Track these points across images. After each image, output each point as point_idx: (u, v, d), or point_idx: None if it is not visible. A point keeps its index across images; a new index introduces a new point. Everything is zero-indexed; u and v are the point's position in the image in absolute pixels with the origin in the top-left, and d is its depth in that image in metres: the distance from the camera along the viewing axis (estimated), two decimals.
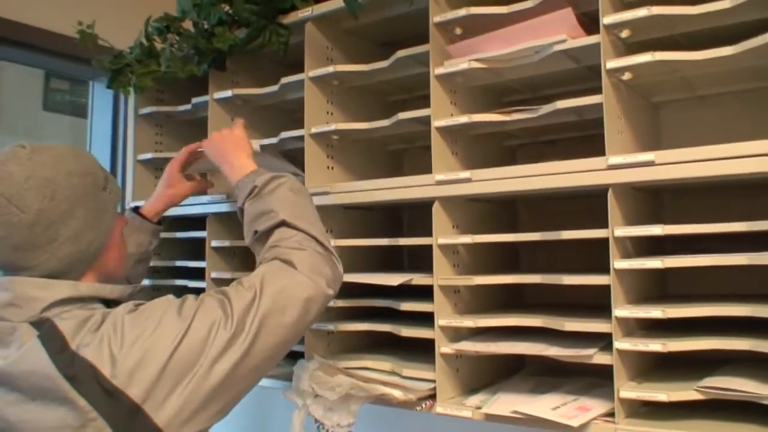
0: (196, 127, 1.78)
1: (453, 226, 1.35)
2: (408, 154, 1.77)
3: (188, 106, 1.75)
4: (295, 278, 1.09)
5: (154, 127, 1.90)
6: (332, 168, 1.55)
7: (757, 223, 1.04)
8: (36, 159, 1.03)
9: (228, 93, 1.63)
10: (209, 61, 1.58)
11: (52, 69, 2.28)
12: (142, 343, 0.96)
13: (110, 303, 1.09)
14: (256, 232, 1.20)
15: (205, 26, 1.59)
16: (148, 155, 1.82)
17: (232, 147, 1.34)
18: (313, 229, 1.18)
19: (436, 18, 1.33)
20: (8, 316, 1.00)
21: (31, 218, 1.00)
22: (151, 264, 1.80)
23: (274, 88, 1.57)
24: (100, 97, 2.22)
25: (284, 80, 1.54)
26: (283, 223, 1.17)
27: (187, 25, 1.66)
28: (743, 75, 1.25)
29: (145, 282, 1.79)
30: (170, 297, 1.06)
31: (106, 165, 2.22)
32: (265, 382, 1.56)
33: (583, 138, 1.49)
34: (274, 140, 1.58)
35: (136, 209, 1.52)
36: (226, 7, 1.57)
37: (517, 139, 1.57)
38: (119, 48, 1.72)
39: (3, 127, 3.09)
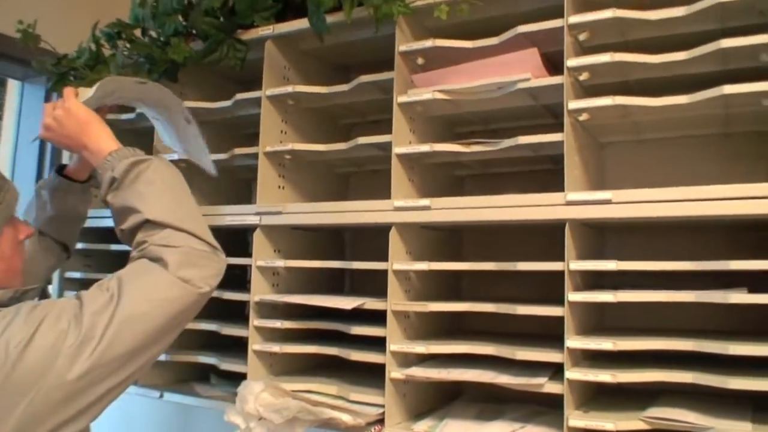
0: (139, 136, 1.73)
1: (407, 252, 1.37)
2: (355, 177, 1.78)
3: (132, 115, 1.70)
4: (160, 277, 1.00)
5: None
6: (283, 187, 1.54)
7: (701, 263, 1.10)
8: None
9: None
10: (161, 72, 1.54)
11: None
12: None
13: None
14: (122, 230, 1.10)
15: (160, 36, 1.55)
16: None
17: (77, 128, 1.17)
18: (185, 222, 1.06)
19: (401, 47, 1.35)
20: None
21: None
22: (81, 276, 1.74)
23: (228, 103, 1.56)
24: (30, 98, 2.12)
25: (239, 96, 1.53)
26: (147, 222, 1.06)
27: (138, 32, 1.62)
28: (688, 122, 1.33)
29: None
30: (30, 302, 0.98)
31: (32, 167, 2.11)
32: (201, 402, 1.54)
33: (530, 172, 1.54)
34: (224, 156, 1.55)
35: (60, 171, 1.37)
36: (182, 18, 1.54)
37: (467, 169, 1.61)
38: (60, 51, 1.66)
39: None
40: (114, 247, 1.70)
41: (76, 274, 1.77)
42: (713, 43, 1.11)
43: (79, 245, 1.63)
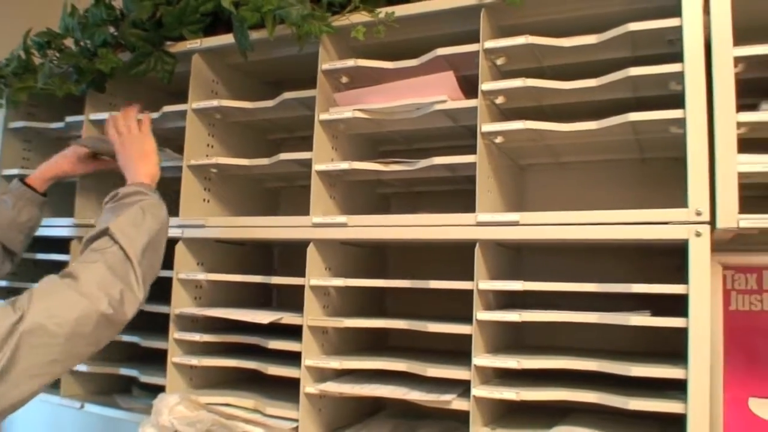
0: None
1: (326, 268, 1.38)
2: (285, 192, 1.79)
3: (61, 124, 1.69)
4: (68, 295, 1.02)
5: (22, 142, 1.81)
6: (208, 201, 1.54)
7: (604, 285, 1.13)
8: None
9: (105, 115, 1.59)
10: (88, 81, 1.54)
11: None
12: None
13: None
14: (88, 238, 1.14)
15: (89, 46, 1.55)
16: (14, 170, 1.73)
17: (138, 156, 1.32)
18: (133, 247, 1.11)
19: (324, 65, 1.36)
20: None
21: None
22: (6, 284, 1.72)
23: (155, 115, 1.55)
24: None
25: (166, 108, 1.53)
26: (106, 232, 1.11)
27: (69, 42, 1.61)
28: (602, 147, 1.37)
29: None
30: None
31: None
32: (121, 414, 1.52)
33: (454, 192, 1.57)
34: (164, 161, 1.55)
35: (22, 179, 1.46)
36: (112, 29, 1.54)
37: (391, 187, 1.63)
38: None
39: None
40: (39, 256, 1.68)
41: (2, 282, 1.75)
42: (622, 71, 1.15)
43: None
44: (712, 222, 1.06)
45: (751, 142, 1.13)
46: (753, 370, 1.34)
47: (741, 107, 1.07)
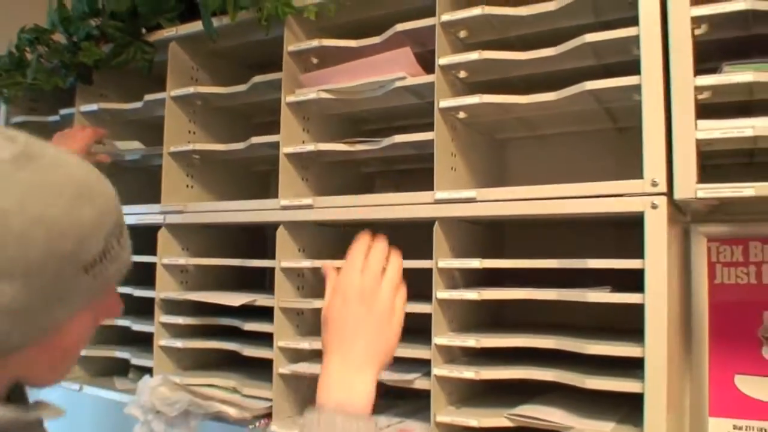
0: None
1: (299, 250, 1.38)
2: (274, 175, 1.79)
3: (57, 117, 1.73)
4: None
5: None
6: (192, 187, 1.57)
7: (565, 261, 1.10)
8: (9, 172, 0.64)
9: (94, 107, 1.63)
10: (75, 75, 1.57)
11: None
12: None
13: None
14: None
15: (74, 40, 1.58)
16: None
17: (368, 341, 0.89)
18: None
19: (290, 47, 1.36)
20: None
21: None
22: None
23: (138, 104, 1.58)
24: None
25: (147, 97, 1.55)
26: None
27: (59, 37, 1.65)
28: (575, 118, 1.32)
29: None
30: None
31: None
32: (112, 395, 1.57)
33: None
34: (137, 156, 1.58)
35: None
36: (95, 22, 1.57)
37: (373, 166, 1.62)
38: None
39: None
40: None
41: None
42: (578, 38, 1.11)
43: None
44: (670, 193, 1.02)
45: (721, 107, 1.09)
46: (739, 346, 1.30)
47: (709, 71, 1.03)
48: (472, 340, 1.15)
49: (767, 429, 1.26)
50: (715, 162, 1.29)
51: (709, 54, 1.08)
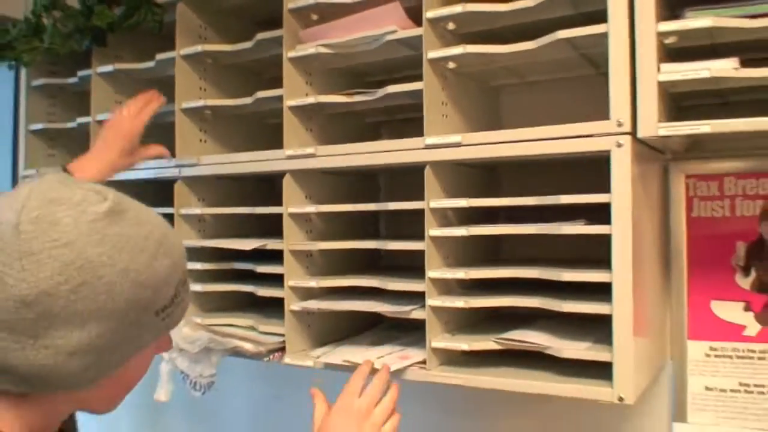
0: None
1: (305, 196, 1.49)
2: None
3: (75, 79, 1.84)
4: None
5: (47, 98, 1.98)
6: (205, 141, 1.67)
7: (541, 198, 1.20)
8: (103, 226, 0.75)
9: (110, 68, 1.73)
10: (90, 38, 1.67)
11: None
12: None
13: None
14: None
15: (87, 3, 1.67)
16: (40, 125, 1.91)
17: None
18: None
19: (290, 5, 1.44)
20: None
21: (28, 295, 0.70)
22: None
23: (151, 63, 1.68)
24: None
25: (159, 56, 1.65)
26: None
27: (73, 1, 1.74)
28: (559, 65, 1.40)
29: None
30: None
31: (8, 136, 2.26)
32: None
33: None
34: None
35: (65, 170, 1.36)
36: None
37: (377, 117, 1.71)
38: (17, 17, 1.80)
39: None
40: None
41: None
42: None
43: None
44: (634, 132, 1.10)
45: (694, 50, 1.16)
46: (715, 274, 1.39)
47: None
48: (461, 273, 1.26)
49: (739, 349, 1.37)
50: (692, 103, 1.37)
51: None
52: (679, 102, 1.37)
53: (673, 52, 1.19)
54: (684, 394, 1.42)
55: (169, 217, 1.61)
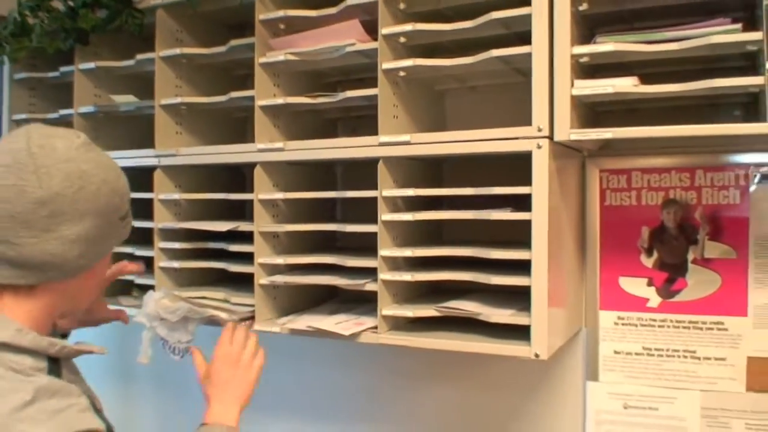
0: (67, 91, 2.01)
1: (273, 185, 1.69)
2: (250, 120, 2.07)
3: (57, 74, 2.00)
4: None
5: (28, 90, 2.14)
6: (181, 133, 1.86)
7: (478, 189, 1.43)
8: (85, 151, 1.03)
9: (91, 65, 1.90)
10: (74, 38, 1.84)
11: None
12: None
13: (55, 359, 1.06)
14: None
15: (71, 5, 1.83)
16: (23, 115, 2.07)
17: (238, 385, 1.33)
18: None
19: (261, 16, 1.64)
20: None
21: (43, 196, 0.97)
22: None
23: (131, 62, 1.85)
24: None
25: (139, 57, 1.83)
26: None
27: (58, 4, 1.89)
28: (496, 74, 1.62)
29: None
30: None
31: None
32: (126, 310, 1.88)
33: None
34: (131, 108, 1.87)
35: None
36: None
37: (335, 114, 1.92)
38: (1, 13, 1.95)
39: None
40: None
41: None
42: (486, 15, 1.40)
43: None
44: (552, 136, 1.34)
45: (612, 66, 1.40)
46: (623, 254, 1.64)
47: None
48: (408, 251, 1.49)
49: (643, 318, 1.63)
50: (607, 109, 1.62)
51: (602, 22, 1.41)
52: (596, 108, 1.61)
53: (593, 68, 1.44)
54: (596, 357, 1.67)
55: (149, 202, 1.81)
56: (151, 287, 1.81)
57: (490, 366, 1.80)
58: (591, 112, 1.59)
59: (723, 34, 1.23)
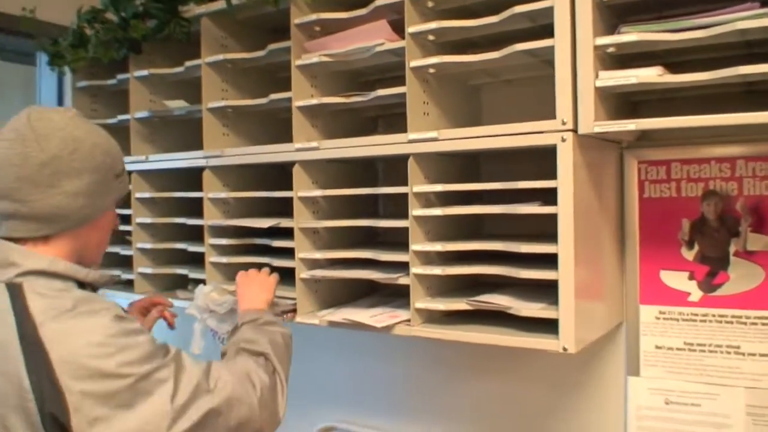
0: (126, 97, 2.12)
1: (312, 182, 1.74)
2: None
3: (114, 81, 2.12)
4: (249, 395, 1.22)
5: (90, 97, 2.27)
6: (228, 135, 1.93)
7: (505, 183, 1.44)
8: (76, 120, 1.20)
9: (145, 72, 2.00)
10: (127, 47, 1.94)
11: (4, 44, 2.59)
12: (97, 362, 1.04)
13: (84, 285, 1.20)
14: (241, 349, 1.35)
15: (123, 17, 1.94)
16: None
17: (258, 287, 1.59)
18: (283, 371, 1.35)
19: (296, 20, 1.69)
20: None
21: (44, 158, 1.13)
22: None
23: (180, 69, 1.94)
24: (45, 68, 2.57)
25: (187, 63, 1.91)
26: (263, 354, 1.34)
27: (111, 15, 2.01)
28: (525, 67, 1.62)
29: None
30: (150, 337, 1.14)
31: None
32: (176, 302, 1.97)
33: None
34: (182, 112, 1.96)
35: None
36: (139, 2, 1.92)
37: (374, 112, 1.95)
38: (63, 24, 2.08)
39: None
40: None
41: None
42: (509, 10, 1.41)
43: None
44: (576, 129, 1.33)
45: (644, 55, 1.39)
46: (663, 247, 1.62)
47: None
48: (438, 246, 1.51)
49: (684, 313, 1.59)
50: (644, 99, 1.59)
51: (630, 11, 1.40)
52: (632, 98, 1.59)
53: (625, 58, 1.42)
54: (637, 352, 1.65)
55: (199, 201, 1.89)
56: (202, 281, 1.90)
57: (531, 360, 1.80)
58: (627, 102, 1.57)
59: (750, 19, 1.20)
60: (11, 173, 1.13)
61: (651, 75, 1.30)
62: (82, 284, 1.19)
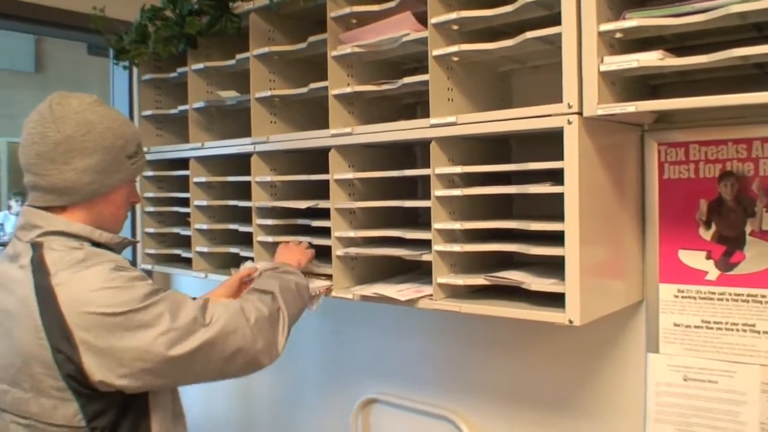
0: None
1: (349, 166, 1.86)
2: None
3: (175, 74, 2.30)
4: (242, 325, 1.38)
5: (154, 89, 2.46)
6: (275, 122, 2.08)
7: (512, 165, 1.52)
8: (92, 105, 1.37)
9: (201, 65, 2.17)
10: (184, 42, 2.11)
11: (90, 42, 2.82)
12: (97, 301, 1.23)
13: (100, 245, 1.39)
14: (254, 289, 1.55)
15: (180, 13, 2.11)
16: (149, 112, 2.40)
17: (292, 254, 1.81)
18: (288, 310, 1.52)
19: (332, 14, 1.81)
20: (21, 236, 1.35)
21: (60, 138, 1.31)
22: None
23: (232, 61, 2.10)
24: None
25: (238, 56, 2.07)
26: (270, 293, 1.52)
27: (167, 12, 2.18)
28: (547, 54, 1.68)
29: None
30: (148, 282, 1.32)
31: None
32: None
33: None
34: (234, 102, 2.11)
35: None
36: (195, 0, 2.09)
37: (412, 98, 2.05)
38: (129, 19, 2.27)
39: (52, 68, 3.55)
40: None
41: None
42: (518, 2, 1.49)
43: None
44: (581, 112, 1.40)
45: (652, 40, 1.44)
46: (682, 227, 1.66)
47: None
48: (458, 225, 1.60)
49: (702, 291, 1.63)
50: (662, 82, 1.64)
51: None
52: (650, 82, 1.64)
53: (637, 43, 1.48)
54: (656, 329, 1.69)
55: (247, 185, 2.05)
56: (252, 259, 2.06)
57: (555, 336, 1.87)
58: (644, 86, 1.62)
59: (743, 3, 1.24)
60: (33, 150, 1.33)
61: (652, 59, 1.35)
62: (98, 246, 1.37)
